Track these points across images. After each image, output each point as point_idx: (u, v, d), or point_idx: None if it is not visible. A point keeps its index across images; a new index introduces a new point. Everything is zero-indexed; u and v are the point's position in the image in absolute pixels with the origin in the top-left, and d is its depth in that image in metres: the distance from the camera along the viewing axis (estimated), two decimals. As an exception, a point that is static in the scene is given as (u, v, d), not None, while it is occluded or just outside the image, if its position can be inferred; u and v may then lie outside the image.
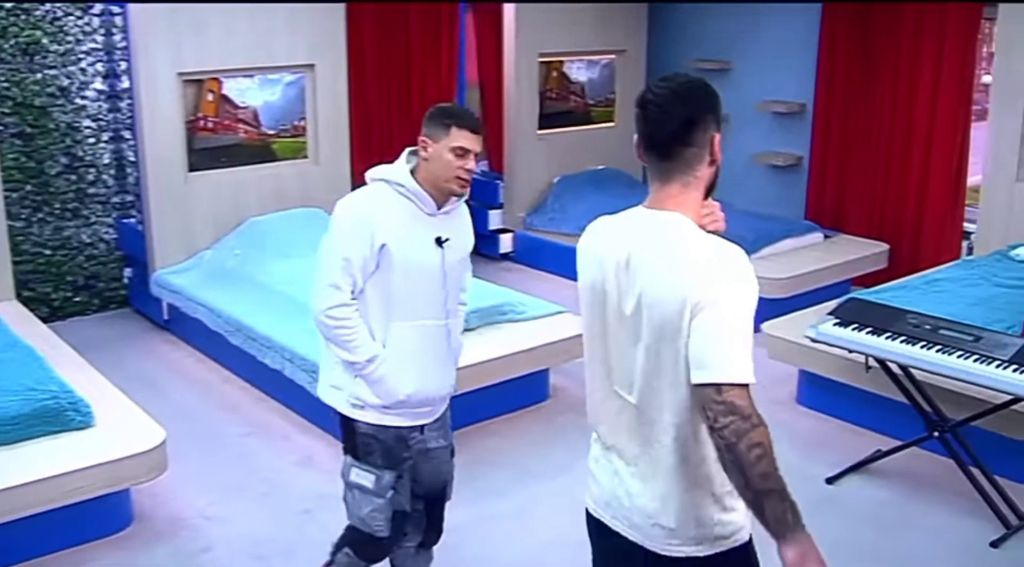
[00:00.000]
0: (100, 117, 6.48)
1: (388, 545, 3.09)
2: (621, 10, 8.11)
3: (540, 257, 7.66)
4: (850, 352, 4.32)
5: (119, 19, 6.36)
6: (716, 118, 2.06)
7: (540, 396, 5.32)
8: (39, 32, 6.16)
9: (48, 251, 6.44)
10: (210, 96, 6.22)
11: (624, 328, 2.07)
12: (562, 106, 8.13)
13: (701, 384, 1.90)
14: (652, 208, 2.08)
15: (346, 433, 3.03)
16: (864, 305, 4.42)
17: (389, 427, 2.96)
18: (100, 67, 6.42)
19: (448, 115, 2.89)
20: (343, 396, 2.98)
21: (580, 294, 2.20)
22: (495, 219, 7.88)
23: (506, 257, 7.88)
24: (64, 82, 6.30)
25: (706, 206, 2.10)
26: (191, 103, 6.14)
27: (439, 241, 2.92)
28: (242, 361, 5.41)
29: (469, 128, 2.87)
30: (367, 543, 3.04)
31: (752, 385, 1.90)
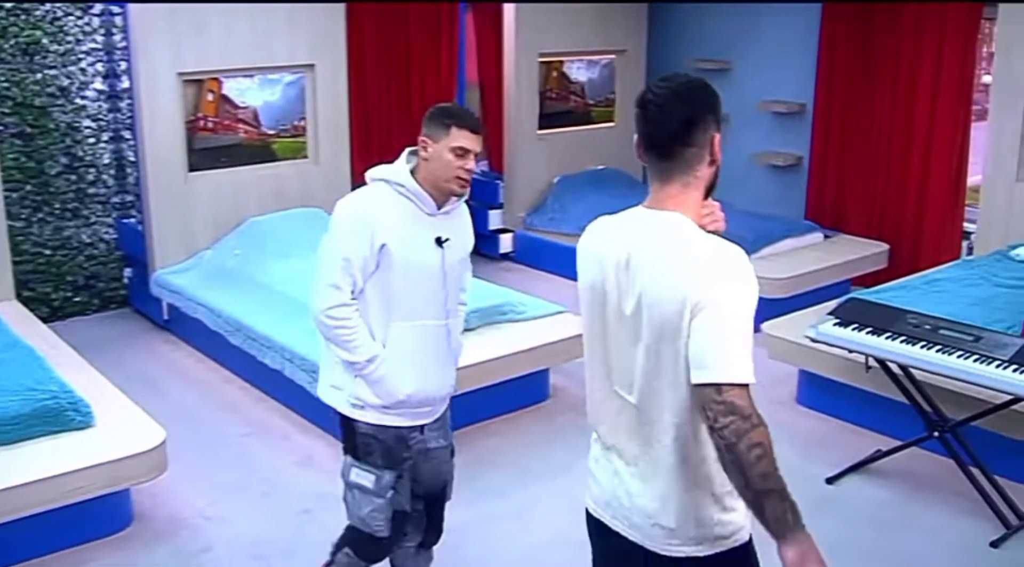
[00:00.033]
0: (100, 117, 6.48)
1: (388, 545, 3.10)
2: (621, 10, 8.11)
3: (540, 257, 7.65)
4: (850, 352, 4.32)
5: (119, 19, 6.36)
6: (716, 118, 2.06)
7: (540, 396, 5.32)
8: (39, 32, 6.16)
9: (48, 251, 6.44)
10: (210, 96, 6.22)
11: (624, 328, 2.07)
12: (562, 106, 8.13)
13: (701, 384, 1.90)
14: (652, 208, 2.08)
15: (346, 433, 3.03)
16: (864, 305, 4.42)
17: (389, 427, 2.96)
18: (100, 67, 6.42)
19: (448, 115, 2.89)
20: (343, 396, 2.98)
21: (580, 294, 2.20)
22: (495, 219, 7.88)
23: (506, 257, 7.88)
24: (64, 82, 6.29)
25: (706, 206, 2.10)
26: (191, 103, 6.14)
27: (439, 241, 2.92)
28: (242, 361, 5.41)
29: (469, 128, 2.87)
30: (367, 543, 3.05)
31: (752, 385, 1.90)
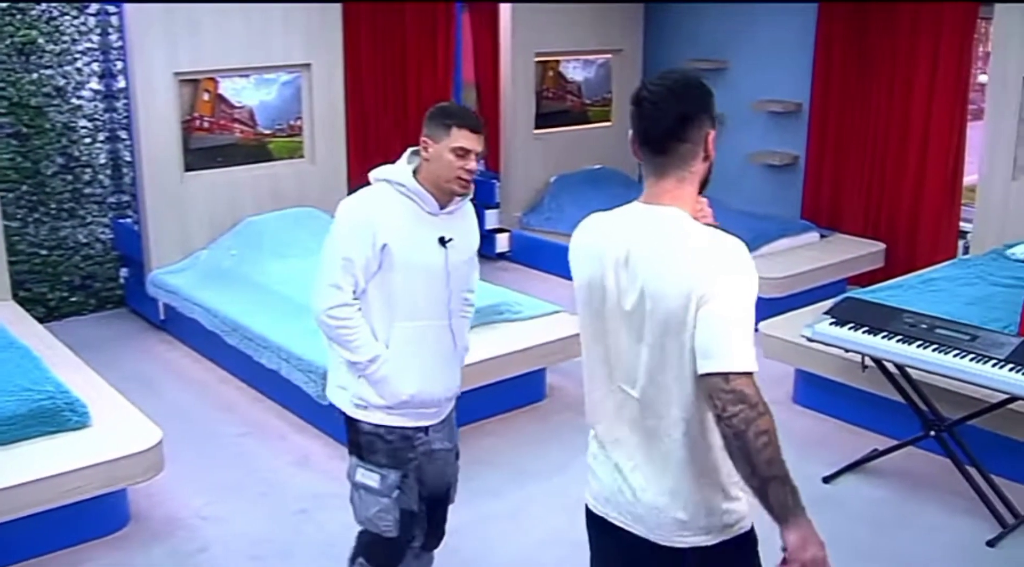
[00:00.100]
0: (96, 117, 6.47)
1: (399, 547, 3.05)
2: (617, 10, 8.11)
3: (536, 257, 7.65)
4: (846, 351, 4.32)
5: (115, 19, 6.35)
6: (710, 115, 2.08)
7: (536, 396, 5.32)
8: (35, 32, 6.15)
9: (44, 251, 6.43)
10: (206, 96, 6.21)
11: (625, 324, 2.08)
12: (558, 106, 8.13)
13: (708, 373, 1.94)
14: (649, 203, 2.10)
15: (351, 433, 3.01)
16: (860, 304, 4.42)
17: (393, 427, 2.95)
18: (96, 67, 6.41)
19: (448, 115, 2.88)
20: (347, 396, 2.97)
21: (576, 292, 2.20)
22: (491, 219, 7.88)
23: (502, 257, 7.89)
24: (60, 82, 6.29)
25: (698, 201, 2.13)
26: (187, 103, 6.13)
27: (442, 241, 2.91)
28: (239, 361, 5.40)
29: (469, 128, 2.86)
30: (378, 545, 3.02)
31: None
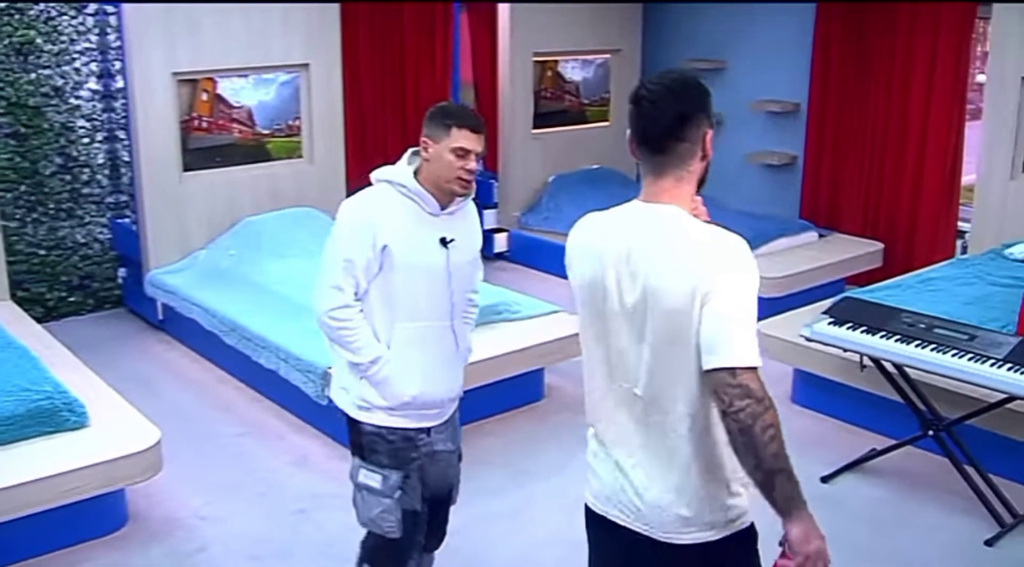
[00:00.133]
0: (94, 117, 6.47)
1: (404, 549, 3.02)
2: (616, 10, 8.12)
3: (535, 256, 7.65)
4: (845, 351, 4.32)
5: (113, 19, 6.34)
6: (708, 114, 2.10)
7: (535, 396, 5.32)
8: (33, 32, 6.14)
9: (43, 251, 6.42)
10: (204, 96, 6.21)
11: (626, 323, 2.09)
12: (557, 106, 8.13)
13: (715, 369, 1.95)
14: (649, 202, 2.11)
15: (353, 434, 3.01)
16: (859, 304, 4.42)
17: (395, 428, 2.94)
18: (94, 67, 6.41)
19: (448, 115, 2.86)
20: (350, 398, 2.96)
21: (575, 291, 2.20)
22: (490, 219, 7.88)
23: (501, 257, 7.88)
24: (58, 82, 6.28)
25: (693, 200, 2.15)
26: (186, 103, 6.13)
27: (443, 242, 2.90)
28: (237, 361, 5.40)
29: (469, 128, 2.84)
30: (383, 548, 3.00)
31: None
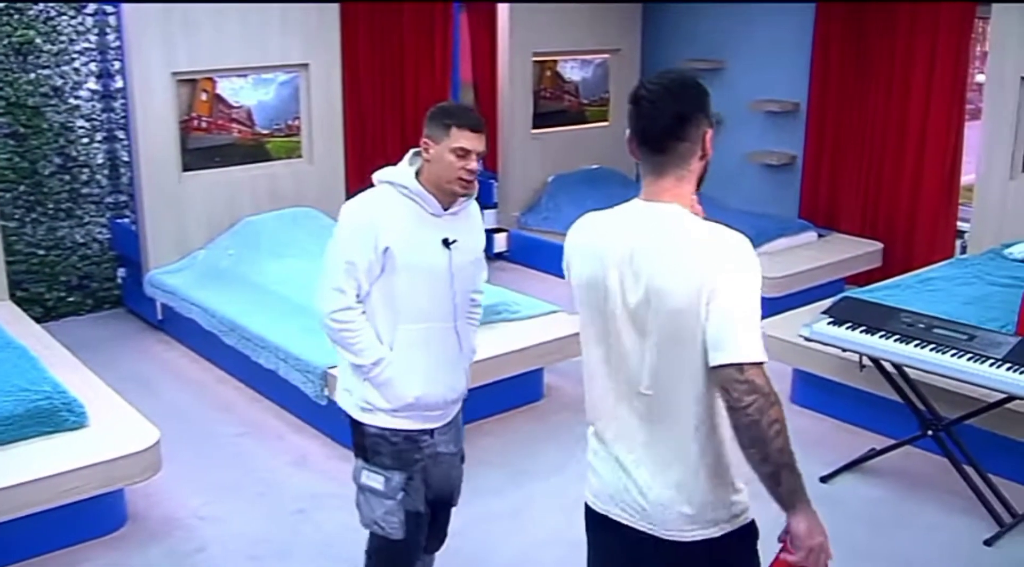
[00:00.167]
0: (94, 117, 6.47)
1: (407, 550, 3.02)
2: (615, 10, 8.12)
3: (534, 256, 7.65)
4: (844, 351, 4.32)
5: (113, 19, 6.34)
6: (707, 114, 2.11)
7: (534, 396, 5.32)
8: (32, 32, 6.14)
9: (42, 251, 6.42)
10: (204, 96, 6.21)
11: (629, 322, 2.09)
12: (556, 106, 8.13)
13: (721, 365, 1.96)
14: (650, 201, 2.11)
15: (356, 436, 3.00)
16: (858, 304, 4.42)
17: (398, 430, 2.93)
18: (94, 67, 6.40)
19: (448, 115, 2.86)
20: (353, 400, 2.96)
21: (576, 291, 2.20)
22: (489, 219, 7.87)
23: (500, 256, 7.88)
24: (58, 82, 6.28)
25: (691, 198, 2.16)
26: (185, 103, 6.13)
27: (446, 242, 2.89)
28: (236, 361, 5.40)
29: (470, 128, 2.84)
30: (387, 550, 3.00)
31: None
